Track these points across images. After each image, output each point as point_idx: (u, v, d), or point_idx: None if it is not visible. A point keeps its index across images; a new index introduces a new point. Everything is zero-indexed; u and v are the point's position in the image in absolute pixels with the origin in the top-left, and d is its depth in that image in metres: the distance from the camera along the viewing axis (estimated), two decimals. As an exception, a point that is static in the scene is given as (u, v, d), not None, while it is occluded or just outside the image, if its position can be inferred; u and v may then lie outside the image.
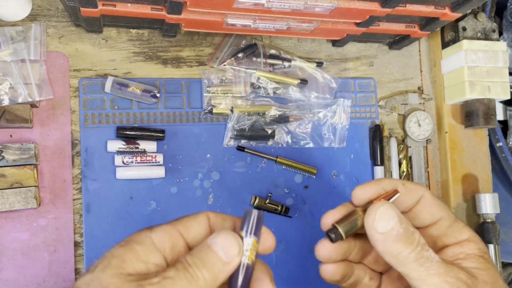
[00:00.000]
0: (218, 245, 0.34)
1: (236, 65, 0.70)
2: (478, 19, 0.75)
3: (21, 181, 0.61)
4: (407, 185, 0.40)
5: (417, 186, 0.40)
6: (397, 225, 0.35)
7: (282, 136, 0.72)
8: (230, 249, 0.34)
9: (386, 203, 0.36)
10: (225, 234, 0.35)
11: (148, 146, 0.67)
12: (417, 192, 0.40)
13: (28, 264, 0.62)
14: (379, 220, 0.36)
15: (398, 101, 0.78)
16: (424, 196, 0.40)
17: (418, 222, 0.41)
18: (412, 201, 0.40)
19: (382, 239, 0.35)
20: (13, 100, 0.61)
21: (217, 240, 0.35)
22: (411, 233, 0.36)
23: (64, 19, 0.67)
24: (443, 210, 0.40)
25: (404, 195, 0.39)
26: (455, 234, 0.39)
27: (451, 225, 0.40)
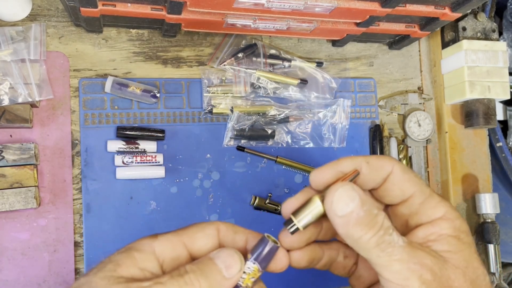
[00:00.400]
0: (220, 259, 0.34)
1: (236, 65, 0.70)
2: (478, 19, 0.75)
3: (21, 181, 0.61)
4: (372, 162, 0.36)
5: (384, 162, 0.36)
6: (358, 207, 0.32)
7: (282, 136, 0.72)
8: (232, 266, 0.33)
9: (346, 184, 0.33)
10: (229, 250, 0.34)
11: (148, 146, 0.67)
12: (384, 169, 0.36)
13: (28, 264, 0.62)
14: (337, 202, 0.33)
15: (398, 101, 0.78)
16: (393, 172, 0.36)
17: (388, 199, 0.38)
18: (379, 178, 0.36)
19: (341, 222, 0.33)
20: (13, 100, 0.61)
21: (221, 254, 0.34)
22: (374, 216, 0.33)
23: (64, 19, 0.67)
24: (415, 185, 0.36)
25: (369, 173, 0.36)
26: (428, 211, 0.35)
27: (424, 201, 0.36)
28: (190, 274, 0.32)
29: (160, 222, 0.67)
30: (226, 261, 0.34)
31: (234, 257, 0.34)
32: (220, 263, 0.33)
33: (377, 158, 0.37)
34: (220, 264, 0.33)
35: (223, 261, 0.34)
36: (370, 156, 0.37)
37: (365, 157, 0.37)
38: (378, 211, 0.33)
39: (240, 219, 0.70)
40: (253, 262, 0.35)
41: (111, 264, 0.33)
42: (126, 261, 0.33)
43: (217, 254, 0.34)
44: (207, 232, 0.36)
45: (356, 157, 0.36)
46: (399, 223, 0.38)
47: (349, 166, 0.36)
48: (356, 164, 0.36)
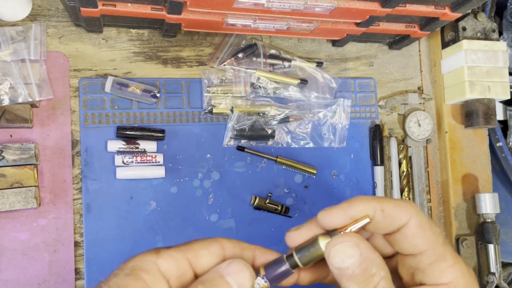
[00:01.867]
0: (231, 276, 0.33)
1: (236, 65, 0.70)
2: (478, 19, 0.75)
3: (21, 181, 0.61)
4: (388, 210, 0.34)
5: (401, 213, 0.34)
6: (355, 265, 0.32)
7: (282, 136, 0.72)
8: (244, 281, 0.33)
9: (349, 240, 0.32)
10: (239, 265, 0.33)
11: (148, 146, 0.67)
12: (398, 221, 0.34)
13: (28, 264, 0.62)
14: (334, 256, 0.32)
15: (398, 101, 0.78)
16: (408, 225, 0.34)
17: (397, 248, 0.36)
18: (392, 228, 0.34)
19: (336, 273, 0.33)
20: (13, 100, 0.61)
21: (231, 270, 0.33)
22: (370, 276, 0.32)
23: (64, 19, 0.67)
24: (428, 244, 0.34)
25: (382, 222, 0.34)
26: (435, 274, 0.33)
27: (433, 262, 0.34)
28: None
29: (160, 222, 0.67)
30: (237, 278, 0.33)
31: (246, 273, 0.33)
32: (232, 280, 0.32)
33: (394, 207, 0.34)
34: (232, 281, 0.32)
35: (234, 279, 0.33)
36: (387, 201, 0.34)
37: (381, 202, 0.34)
38: (377, 271, 0.32)
39: (240, 219, 0.70)
40: (264, 279, 0.34)
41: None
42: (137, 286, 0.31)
43: (227, 270, 0.33)
44: (211, 250, 0.35)
45: (371, 201, 0.34)
46: (405, 272, 0.36)
47: (361, 211, 0.34)
48: (370, 210, 0.34)
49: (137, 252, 0.67)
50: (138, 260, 0.33)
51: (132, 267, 0.32)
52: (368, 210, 0.34)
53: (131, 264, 0.33)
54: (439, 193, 0.79)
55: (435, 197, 0.78)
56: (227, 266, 0.33)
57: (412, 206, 0.34)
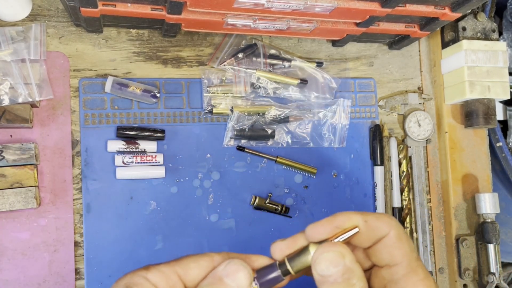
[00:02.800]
0: (229, 277, 0.33)
1: (236, 65, 0.70)
2: (478, 19, 0.75)
3: (21, 181, 0.61)
4: (370, 221, 0.36)
5: (382, 224, 0.36)
6: (338, 274, 0.33)
7: (282, 136, 0.72)
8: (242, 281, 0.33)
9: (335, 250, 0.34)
10: (236, 265, 0.34)
11: (148, 146, 0.67)
12: (380, 231, 0.36)
13: (28, 264, 0.62)
14: (320, 263, 0.34)
15: (398, 101, 0.78)
16: (388, 236, 0.36)
17: (375, 260, 0.38)
18: (373, 239, 0.36)
19: (318, 279, 0.34)
20: (13, 100, 0.61)
21: (228, 271, 0.34)
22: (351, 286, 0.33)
23: (64, 19, 0.67)
24: (403, 256, 0.36)
25: (365, 232, 0.36)
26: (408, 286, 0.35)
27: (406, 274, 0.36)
28: None
29: (160, 222, 0.67)
30: (235, 279, 0.33)
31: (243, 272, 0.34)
32: (230, 281, 0.33)
33: (376, 218, 0.36)
34: (231, 282, 0.33)
35: (233, 280, 0.33)
36: (369, 214, 0.36)
37: (363, 214, 0.36)
38: (357, 282, 0.33)
39: (240, 219, 0.70)
40: (255, 283, 0.35)
41: None
42: None
43: (225, 272, 0.34)
44: (201, 263, 0.36)
45: (353, 214, 0.36)
46: (377, 284, 0.38)
47: (345, 223, 0.36)
48: (353, 222, 0.36)
49: (137, 252, 0.67)
50: (129, 278, 0.34)
51: (124, 284, 0.33)
52: (351, 222, 0.36)
53: (123, 282, 0.34)
54: (439, 193, 0.79)
55: (435, 197, 0.79)
56: (224, 267, 0.34)
57: (392, 218, 0.37)
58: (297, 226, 0.72)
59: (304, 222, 0.72)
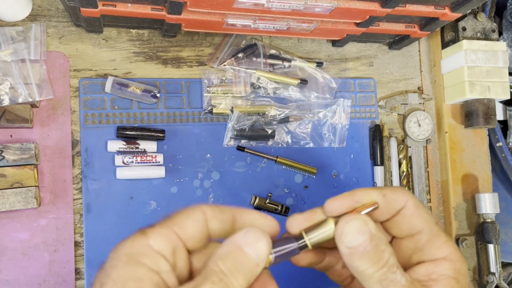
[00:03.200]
0: (249, 246, 0.32)
1: (236, 65, 0.70)
2: (478, 19, 0.75)
3: (21, 181, 0.61)
4: (388, 195, 0.36)
5: (399, 196, 0.37)
6: (366, 242, 0.33)
7: (282, 136, 0.72)
8: (262, 251, 0.32)
9: (359, 218, 0.34)
10: (256, 233, 0.33)
11: (148, 146, 0.67)
12: (398, 203, 0.37)
13: (28, 264, 0.62)
14: (347, 234, 0.34)
15: (398, 101, 0.78)
16: (406, 207, 0.37)
17: (396, 232, 0.38)
18: (393, 211, 0.37)
19: (348, 253, 0.34)
20: (13, 100, 0.61)
21: (248, 240, 0.32)
22: (381, 252, 0.33)
23: (64, 19, 0.67)
24: (425, 222, 0.37)
25: (384, 206, 0.36)
26: (432, 250, 0.36)
27: (430, 239, 0.37)
28: (229, 277, 0.31)
29: (160, 222, 0.67)
30: (256, 248, 0.32)
31: (263, 241, 0.33)
32: (251, 251, 0.32)
33: (392, 191, 0.37)
34: (251, 252, 0.32)
35: (253, 249, 0.32)
36: (385, 188, 0.37)
37: (381, 189, 0.37)
38: (385, 247, 0.34)
39: (240, 219, 0.70)
40: (271, 253, 0.34)
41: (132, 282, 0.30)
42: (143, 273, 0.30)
43: (244, 240, 0.32)
44: (195, 217, 0.35)
45: (371, 189, 0.37)
46: (401, 256, 0.38)
47: (364, 197, 0.36)
48: (372, 197, 0.36)
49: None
50: (130, 246, 0.32)
51: (127, 254, 0.31)
52: (370, 197, 0.36)
53: (124, 251, 0.32)
54: (439, 193, 0.79)
55: (435, 197, 0.79)
56: (244, 236, 0.33)
57: (407, 190, 0.38)
58: (297, 226, 0.72)
59: (304, 222, 0.72)
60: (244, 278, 0.32)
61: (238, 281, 0.31)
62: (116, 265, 0.31)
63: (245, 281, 0.32)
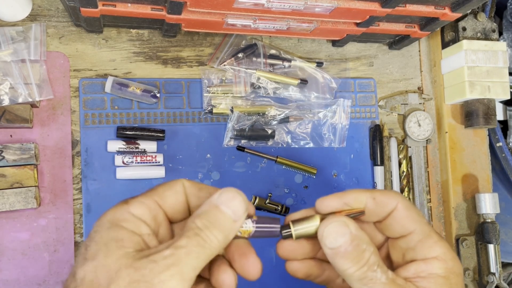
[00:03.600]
0: (225, 204, 0.34)
1: (236, 65, 0.70)
2: (478, 19, 0.75)
3: (21, 181, 0.61)
4: (378, 197, 0.38)
5: (390, 199, 0.38)
6: (347, 243, 0.35)
7: (282, 136, 0.72)
8: (237, 207, 0.34)
9: (338, 220, 0.36)
10: (231, 193, 0.34)
11: (148, 146, 0.67)
12: (389, 205, 0.38)
13: (28, 264, 0.62)
14: (327, 236, 0.35)
15: (398, 101, 0.78)
16: (397, 209, 0.38)
17: (389, 233, 0.40)
18: (383, 214, 0.38)
19: (330, 253, 0.35)
20: (13, 100, 0.61)
21: (224, 199, 0.34)
22: (361, 252, 0.35)
23: (64, 19, 0.67)
24: (416, 224, 0.38)
25: (374, 209, 0.38)
26: (424, 250, 0.37)
27: (421, 240, 0.37)
28: (204, 231, 0.32)
29: (160, 222, 0.67)
30: (231, 206, 0.34)
31: (238, 199, 0.34)
32: (226, 209, 0.33)
33: (383, 194, 0.38)
34: (227, 209, 0.33)
35: (228, 206, 0.34)
36: (376, 191, 0.39)
37: (372, 192, 0.38)
38: (366, 247, 0.35)
39: (240, 219, 0.70)
40: (253, 224, 0.36)
41: (114, 243, 0.31)
42: (124, 235, 0.32)
43: (220, 199, 0.34)
44: (175, 189, 0.36)
45: (362, 192, 0.38)
46: (396, 255, 0.39)
47: (354, 199, 0.38)
48: (362, 199, 0.38)
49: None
50: (112, 213, 0.34)
51: (109, 220, 0.33)
52: (360, 198, 0.38)
53: (106, 218, 0.34)
54: (439, 193, 0.79)
55: (435, 197, 0.79)
56: (219, 196, 0.34)
57: (397, 193, 0.39)
58: (297, 226, 0.72)
59: (304, 222, 0.72)
60: (221, 232, 0.33)
61: (214, 235, 0.32)
62: (99, 230, 0.33)
63: (222, 236, 0.33)
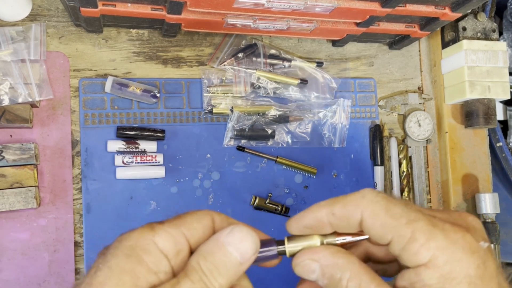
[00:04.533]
0: (234, 246, 0.31)
1: (236, 65, 0.70)
2: (478, 19, 0.75)
3: (21, 181, 0.61)
4: (338, 212, 0.33)
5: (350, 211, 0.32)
6: (319, 277, 0.33)
7: (282, 136, 0.72)
8: (247, 250, 0.31)
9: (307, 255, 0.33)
10: (241, 233, 0.31)
11: (148, 146, 0.67)
12: (353, 219, 0.33)
13: (28, 264, 0.62)
14: (303, 273, 0.33)
15: (398, 101, 0.78)
16: (363, 219, 0.32)
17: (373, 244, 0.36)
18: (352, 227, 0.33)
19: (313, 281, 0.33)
20: (13, 100, 0.61)
21: (232, 240, 0.31)
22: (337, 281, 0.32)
23: (64, 19, 0.67)
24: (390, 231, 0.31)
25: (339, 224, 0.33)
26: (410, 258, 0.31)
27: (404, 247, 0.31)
28: (208, 276, 0.30)
29: (160, 222, 0.67)
30: (240, 247, 0.31)
31: (248, 241, 0.31)
32: (234, 250, 0.31)
33: (343, 206, 0.33)
34: (234, 252, 0.31)
35: (236, 248, 0.31)
36: (336, 202, 0.33)
37: (331, 205, 0.33)
38: (341, 274, 0.32)
39: (240, 219, 0.70)
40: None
41: (128, 276, 0.29)
42: (141, 269, 0.29)
43: (228, 239, 0.31)
44: (204, 222, 0.33)
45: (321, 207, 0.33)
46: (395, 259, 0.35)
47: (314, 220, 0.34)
48: (322, 217, 0.33)
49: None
50: (136, 239, 0.31)
51: (131, 247, 0.30)
52: (320, 216, 0.33)
53: (128, 243, 0.31)
54: (439, 193, 0.79)
55: (435, 197, 0.78)
56: (228, 234, 0.31)
57: (363, 197, 0.33)
58: (297, 226, 0.72)
59: (304, 222, 0.72)
60: (225, 279, 0.30)
61: (218, 281, 0.30)
62: (116, 254, 0.30)
63: (226, 282, 0.31)
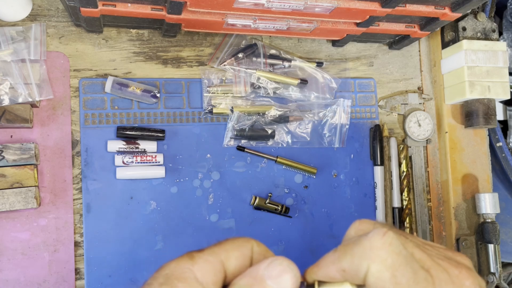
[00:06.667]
0: (273, 280, 0.29)
1: (236, 65, 0.70)
2: (478, 19, 0.75)
3: (21, 181, 0.61)
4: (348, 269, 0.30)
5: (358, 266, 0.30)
6: None
7: (282, 136, 0.72)
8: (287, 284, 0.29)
9: None
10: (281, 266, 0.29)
11: (148, 146, 0.67)
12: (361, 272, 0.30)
13: (28, 264, 0.62)
14: None
15: (398, 101, 0.78)
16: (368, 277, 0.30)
17: None
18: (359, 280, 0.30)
19: None
20: (13, 100, 0.61)
21: (272, 273, 0.29)
22: None
23: (64, 19, 0.67)
24: None
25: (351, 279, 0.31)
26: None
27: None
28: None
29: (160, 222, 0.67)
30: (280, 282, 0.29)
31: (289, 275, 0.29)
32: (275, 285, 0.29)
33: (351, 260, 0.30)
34: (274, 286, 0.29)
35: (277, 283, 0.29)
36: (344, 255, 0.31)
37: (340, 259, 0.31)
38: None
39: (240, 219, 0.70)
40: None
41: None
42: None
43: (268, 272, 0.29)
44: (244, 251, 0.32)
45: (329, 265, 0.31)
46: None
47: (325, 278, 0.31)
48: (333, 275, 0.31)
49: (137, 252, 0.67)
50: (173, 268, 0.30)
51: (166, 275, 0.30)
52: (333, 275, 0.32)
53: (165, 272, 0.30)
54: (439, 193, 0.79)
55: (435, 197, 0.78)
56: (267, 267, 0.30)
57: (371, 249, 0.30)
58: (297, 226, 0.72)
59: (304, 222, 0.72)
60: None
61: None
62: (151, 284, 0.29)
63: None
